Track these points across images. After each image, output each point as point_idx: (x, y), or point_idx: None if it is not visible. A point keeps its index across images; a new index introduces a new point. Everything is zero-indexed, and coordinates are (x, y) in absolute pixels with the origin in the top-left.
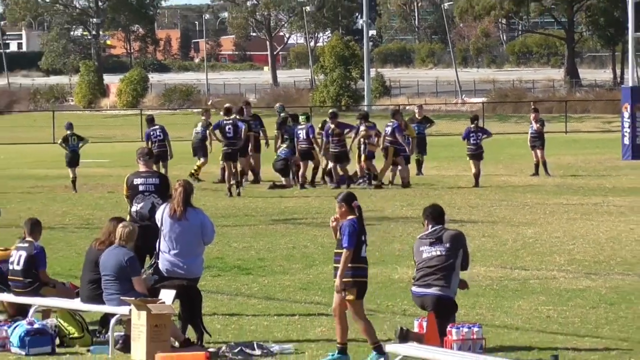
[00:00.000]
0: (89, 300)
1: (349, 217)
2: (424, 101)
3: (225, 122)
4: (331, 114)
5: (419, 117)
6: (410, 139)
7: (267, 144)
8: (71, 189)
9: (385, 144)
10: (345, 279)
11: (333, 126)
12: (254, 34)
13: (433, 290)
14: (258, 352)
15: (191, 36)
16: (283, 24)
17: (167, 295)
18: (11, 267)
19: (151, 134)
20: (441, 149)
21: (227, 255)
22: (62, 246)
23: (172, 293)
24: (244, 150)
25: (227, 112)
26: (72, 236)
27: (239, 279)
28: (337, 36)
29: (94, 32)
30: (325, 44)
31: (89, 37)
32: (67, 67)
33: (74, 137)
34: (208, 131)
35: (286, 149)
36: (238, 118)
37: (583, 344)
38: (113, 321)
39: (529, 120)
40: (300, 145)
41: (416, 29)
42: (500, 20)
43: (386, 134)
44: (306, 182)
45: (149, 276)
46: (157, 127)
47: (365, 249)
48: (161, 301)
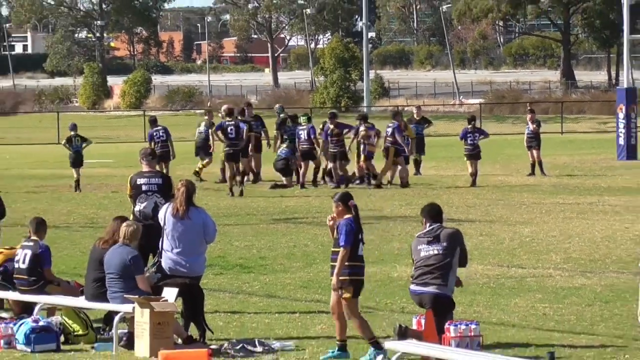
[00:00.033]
0: (93, 298)
1: (345, 216)
2: (422, 102)
3: (227, 123)
4: (330, 114)
5: (417, 118)
6: (410, 139)
7: (268, 144)
8: (74, 189)
9: (386, 144)
10: (342, 277)
11: (332, 126)
12: (255, 36)
13: (431, 289)
14: (259, 348)
15: (193, 38)
16: (284, 26)
17: (170, 293)
18: (17, 265)
19: (154, 134)
20: (439, 149)
21: (229, 253)
22: (66, 245)
23: (175, 291)
24: (245, 150)
25: (229, 113)
26: (76, 235)
27: (240, 277)
28: (337, 38)
29: (98, 35)
30: (325, 46)
31: (93, 40)
32: (71, 69)
33: (77, 138)
34: (210, 131)
35: (286, 149)
36: (240, 119)
37: (579, 341)
38: (117, 319)
39: (525, 121)
40: (301, 145)
41: (415, 32)
42: (497, 22)
43: (387, 135)
44: (307, 181)
45: (152, 274)
46: (160, 128)
47: (362, 247)
48: (164, 299)
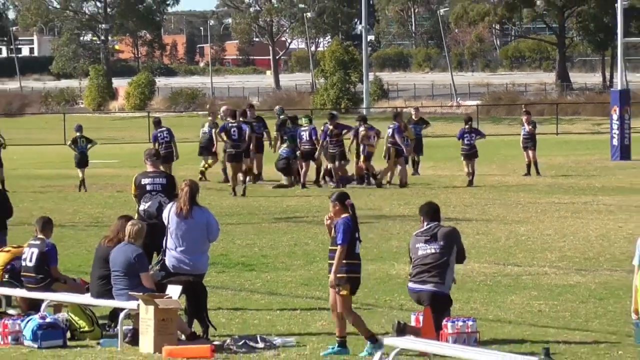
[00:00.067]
0: (98, 295)
1: (342, 215)
2: (420, 104)
3: (230, 124)
4: (330, 115)
5: (415, 119)
6: (409, 140)
7: (270, 144)
8: (78, 189)
9: (387, 145)
10: (340, 275)
11: (331, 127)
12: (257, 39)
13: (428, 287)
14: (261, 344)
15: (196, 41)
16: (285, 29)
17: (174, 291)
18: (24, 263)
19: (158, 135)
20: (437, 149)
21: (231, 252)
22: (72, 243)
23: (179, 288)
24: (247, 151)
25: (232, 115)
26: (82, 234)
27: (242, 275)
28: (337, 41)
29: (103, 38)
30: (325, 48)
31: (98, 42)
32: (77, 71)
33: (82, 139)
34: (214, 131)
35: (287, 149)
36: (242, 120)
37: (573, 337)
38: (122, 315)
39: (521, 122)
40: (303, 146)
41: (413, 35)
42: (494, 25)
43: (388, 136)
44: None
45: (157, 272)
46: (164, 129)
47: (358, 245)
48: (168, 296)
